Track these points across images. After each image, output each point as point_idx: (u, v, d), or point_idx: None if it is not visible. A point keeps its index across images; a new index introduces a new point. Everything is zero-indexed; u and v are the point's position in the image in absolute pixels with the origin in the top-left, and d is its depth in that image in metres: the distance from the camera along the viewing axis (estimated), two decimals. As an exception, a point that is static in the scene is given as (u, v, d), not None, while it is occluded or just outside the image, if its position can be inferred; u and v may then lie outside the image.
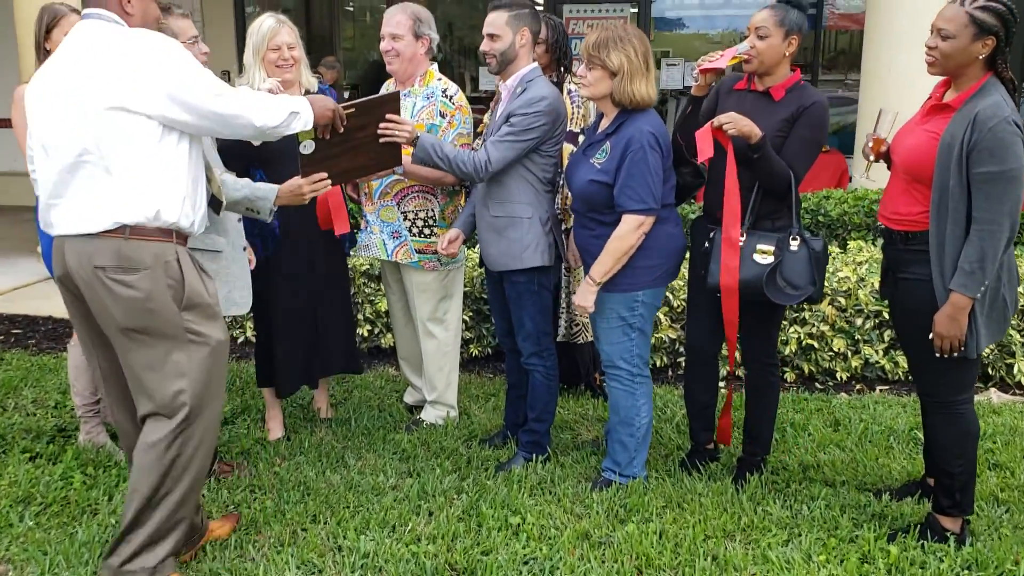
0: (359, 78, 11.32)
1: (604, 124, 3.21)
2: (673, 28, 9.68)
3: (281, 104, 2.67)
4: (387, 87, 3.86)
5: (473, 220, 3.60)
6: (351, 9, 12.13)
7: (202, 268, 2.72)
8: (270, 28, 3.52)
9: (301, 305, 3.70)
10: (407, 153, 3.43)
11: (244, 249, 3.16)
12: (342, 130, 2.96)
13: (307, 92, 3.67)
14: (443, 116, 3.64)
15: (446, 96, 3.67)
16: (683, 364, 4.36)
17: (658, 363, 4.68)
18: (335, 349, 3.83)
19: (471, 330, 4.82)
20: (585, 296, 3.14)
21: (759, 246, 3.07)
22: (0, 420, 4.02)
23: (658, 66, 9.39)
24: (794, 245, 3.06)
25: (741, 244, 3.07)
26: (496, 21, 3.36)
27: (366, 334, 4.91)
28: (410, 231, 3.73)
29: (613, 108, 3.13)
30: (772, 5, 3.16)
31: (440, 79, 3.75)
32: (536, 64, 3.46)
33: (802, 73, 3.22)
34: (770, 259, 3.05)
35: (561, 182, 3.75)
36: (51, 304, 6.02)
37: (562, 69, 4.04)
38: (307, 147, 2.95)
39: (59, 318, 5.76)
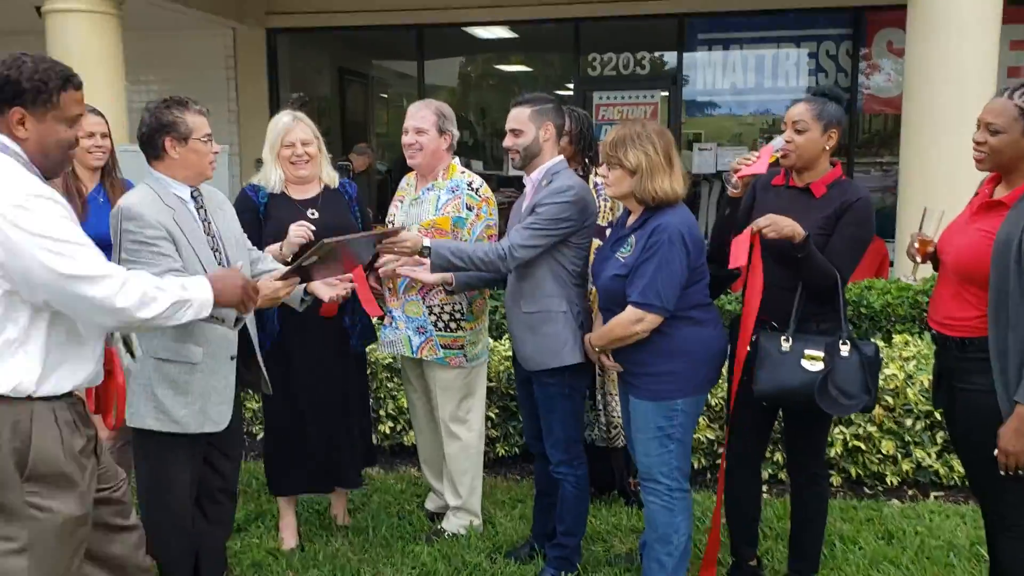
0: (394, 163, 11.41)
1: (631, 220, 3.07)
2: (704, 112, 9.64)
3: (167, 291, 2.24)
4: (408, 181, 3.76)
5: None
6: (385, 96, 12.30)
7: (173, 381, 2.64)
8: (284, 125, 3.47)
9: (305, 405, 3.54)
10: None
11: (232, 358, 2.98)
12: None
13: (327, 187, 3.60)
14: (470, 209, 3.54)
15: (472, 189, 3.59)
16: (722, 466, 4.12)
17: (695, 465, 4.43)
18: (347, 457, 3.64)
19: (497, 428, 4.61)
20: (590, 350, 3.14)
21: (807, 351, 2.87)
22: None
23: (689, 149, 9.36)
24: (844, 351, 2.86)
25: (786, 349, 2.88)
26: (519, 117, 3.28)
27: (388, 431, 4.71)
28: (435, 326, 3.58)
29: (638, 205, 3.00)
30: (808, 98, 3.03)
31: (463, 172, 3.67)
32: (561, 157, 3.36)
33: (836, 155, 3.07)
34: (820, 366, 2.85)
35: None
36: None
37: (587, 161, 3.94)
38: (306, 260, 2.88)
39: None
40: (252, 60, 9.62)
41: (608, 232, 3.63)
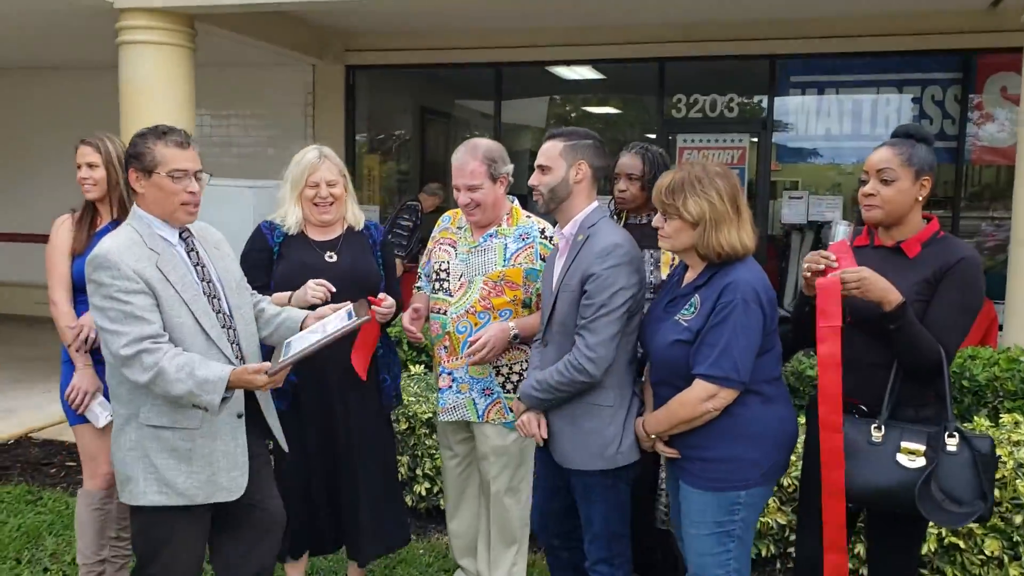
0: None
1: (689, 276, 2.62)
2: (796, 159, 9.08)
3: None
4: (456, 223, 3.37)
5: None
6: (467, 136, 12.11)
7: (173, 449, 2.39)
8: (310, 162, 3.16)
9: (316, 462, 3.20)
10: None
11: (239, 416, 2.64)
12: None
13: (350, 229, 3.28)
14: (543, 260, 3.16)
15: (544, 237, 3.21)
16: (793, 555, 3.58)
17: (762, 552, 3.88)
18: (364, 525, 3.25)
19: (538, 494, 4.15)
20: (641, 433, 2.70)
21: (904, 443, 2.38)
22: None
23: (778, 197, 8.81)
24: (951, 445, 2.35)
25: (877, 440, 2.38)
26: (549, 151, 2.86)
27: (424, 492, 4.32)
28: (503, 387, 3.20)
29: (700, 261, 2.55)
30: (893, 141, 2.53)
31: (530, 216, 3.30)
32: (596, 204, 2.90)
33: (942, 210, 2.56)
34: (920, 461, 2.35)
35: None
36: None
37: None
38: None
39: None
40: (330, 97, 9.51)
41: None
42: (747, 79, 8.78)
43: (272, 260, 3.18)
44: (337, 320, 2.67)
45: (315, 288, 3.04)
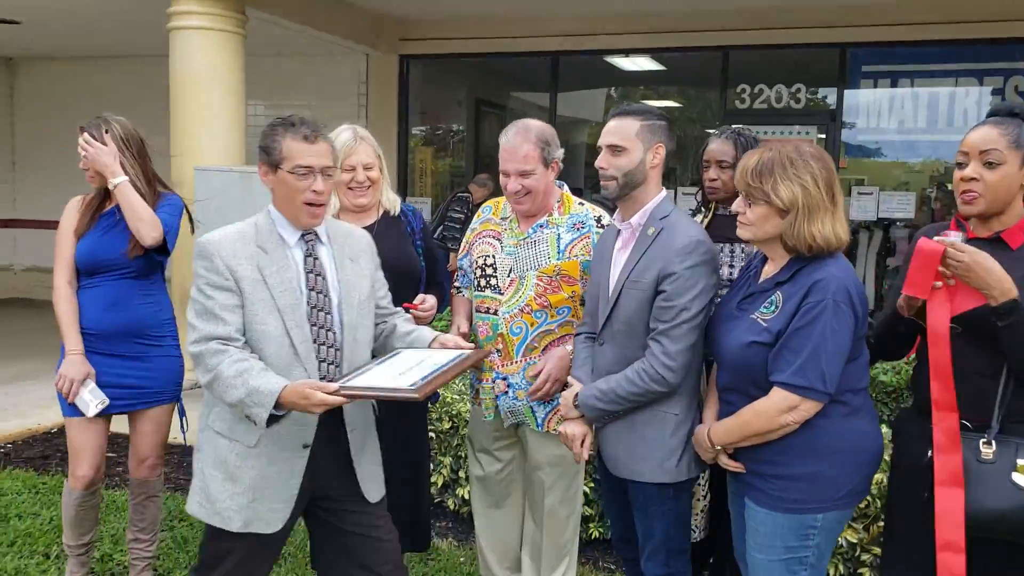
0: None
1: (770, 270, 2.34)
2: (866, 154, 8.65)
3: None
4: (500, 212, 3.06)
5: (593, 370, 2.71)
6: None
7: (223, 461, 2.26)
8: (345, 144, 2.92)
9: None
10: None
11: (305, 447, 2.37)
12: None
13: (386, 214, 3.05)
14: None
15: (600, 226, 2.92)
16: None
17: (832, 573, 3.57)
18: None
19: (592, 505, 3.89)
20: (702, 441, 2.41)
21: (1021, 461, 2.06)
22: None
23: (848, 194, 8.40)
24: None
25: (989, 458, 2.08)
26: (624, 130, 2.56)
27: (467, 496, 4.07)
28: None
29: (784, 254, 2.27)
30: (997, 120, 2.21)
31: (582, 204, 3.01)
32: (666, 193, 2.63)
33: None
34: (1037, 482, 2.04)
35: None
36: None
37: None
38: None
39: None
40: (383, 88, 9.36)
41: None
42: (815, 69, 8.39)
43: None
44: (444, 356, 2.37)
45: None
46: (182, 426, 3.30)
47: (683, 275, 2.42)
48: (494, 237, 3.01)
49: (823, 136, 8.35)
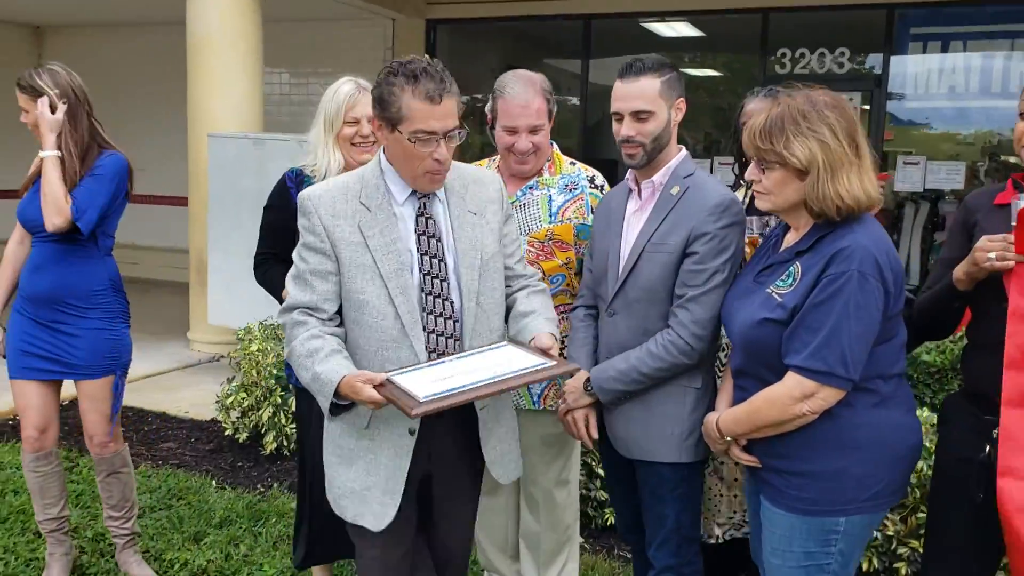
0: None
1: (791, 239, 2.07)
2: (913, 122, 8.21)
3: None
4: (491, 168, 2.81)
5: (595, 350, 2.48)
6: (556, 98, 11.55)
7: (338, 445, 2.14)
8: (347, 95, 2.68)
9: None
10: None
11: (412, 433, 2.09)
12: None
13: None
14: (595, 213, 2.64)
15: (595, 186, 2.70)
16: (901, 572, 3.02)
17: (864, 567, 3.30)
18: None
19: (608, 489, 3.65)
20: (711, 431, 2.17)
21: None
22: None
23: (892, 166, 7.99)
24: None
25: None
26: (647, 91, 2.29)
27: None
28: None
29: (809, 220, 2.00)
30: None
31: (573, 163, 2.77)
32: (684, 150, 2.40)
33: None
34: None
35: None
36: (171, 397, 5.51)
37: None
38: None
39: (172, 415, 5.19)
40: (410, 54, 9.07)
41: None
42: (860, 32, 7.95)
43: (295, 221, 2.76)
44: (520, 363, 1.99)
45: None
46: (113, 408, 3.10)
47: (718, 235, 2.22)
48: None
49: (867, 106, 7.94)
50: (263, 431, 4.43)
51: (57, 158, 2.87)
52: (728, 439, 2.10)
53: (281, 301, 2.72)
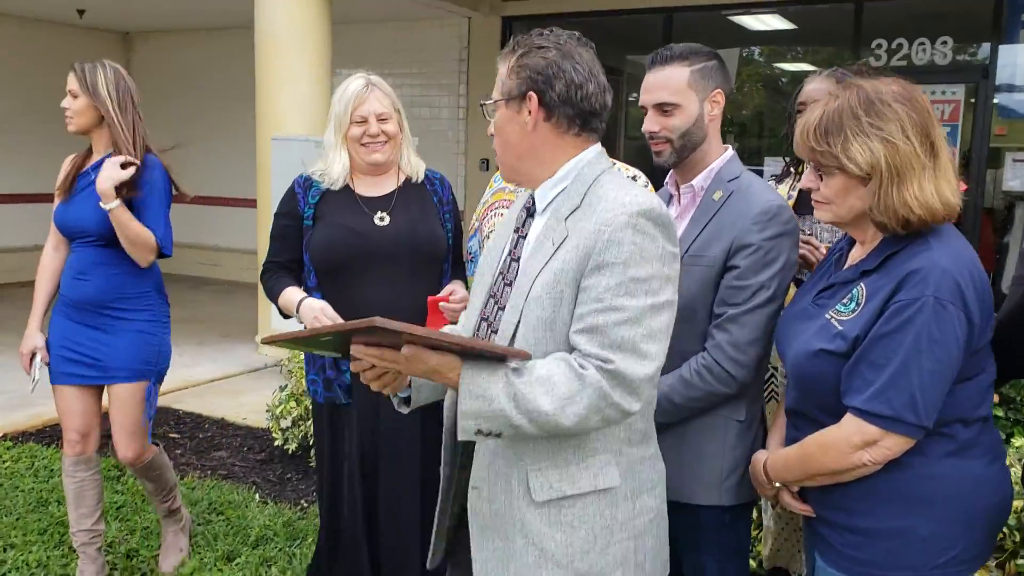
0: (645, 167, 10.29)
1: (856, 255, 1.76)
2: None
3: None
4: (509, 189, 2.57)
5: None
6: (635, 97, 11.21)
7: None
8: (355, 93, 2.51)
9: (368, 484, 2.60)
10: None
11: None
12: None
13: (407, 181, 2.61)
14: None
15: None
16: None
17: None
18: (391, 550, 2.62)
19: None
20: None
21: None
22: None
23: (999, 163, 7.37)
24: None
25: None
26: (671, 82, 2.03)
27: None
28: None
29: (876, 233, 1.69)
30: None
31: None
32: (732, 151, 2.11)
33: None
34: None
35: None
36: (232, 403, 5.44)
37: None
38: None
39: (229, 422, 5.12)
40: (486, 52, 8.89)
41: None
42: (964, 19, 7.38)
43: (302, 229, 2.59)
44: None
45: (323, 320, 2.44)
46: (147, 415, 3.03)
47: (762, 247, 1.93)
48: (508, 208, 2.51)
49: (973, 99, 7.35)
50: (311, 442, 4.28)
51: (122, 205, 2.81)
52: (777, 484, 1.80)
53: (280, 310, 2.56)
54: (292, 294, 2.53)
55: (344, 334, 1.48)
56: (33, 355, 3.01)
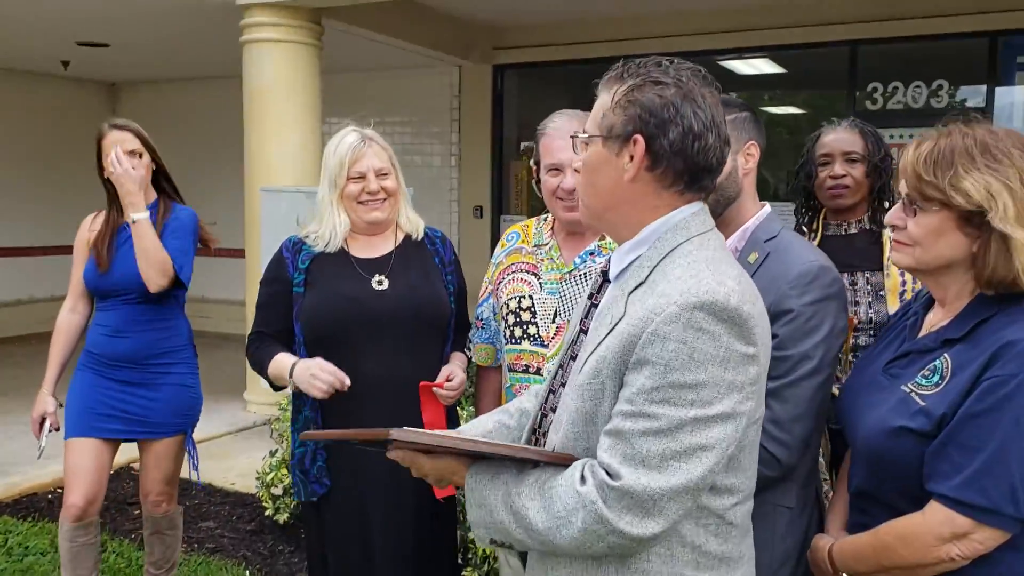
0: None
1: (936, 319, 1.59)
2: None
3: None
4: (535, 238, 2.36)
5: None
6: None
7: None
8: (351, 148, 2.33)
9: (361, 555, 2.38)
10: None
11: None
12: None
13: (407, 239, 2.42)
14: None
15: None
16: None
17: None
18: None
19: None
20: None
21: None
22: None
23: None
24: None
25: None
26: None
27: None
28: None
29: (964, 289, 1.52)
30: None
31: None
32: (770, 208, 1.93)
33: None
34: None
35: None
36: (220, 466, 5.19)
37: (877, 213, 2.59)
38: None
39: (217, 487, 4.87)
40: (477, 101, 8.82)
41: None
42: (960, 62, 7.36)
43: (291, 296, 2.38)
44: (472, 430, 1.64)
45: (322, 376, 2.21)
46: (192, 464, 3.06)
47: (803, 313, 1.73)
48: (528, 272, 2.31)
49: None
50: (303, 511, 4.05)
51: (148, 219, 2.80)
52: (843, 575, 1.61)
53: (270, 382, 2.37)
54: (284, 360, 2.32)
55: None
56: (43, 420, 2.92)
